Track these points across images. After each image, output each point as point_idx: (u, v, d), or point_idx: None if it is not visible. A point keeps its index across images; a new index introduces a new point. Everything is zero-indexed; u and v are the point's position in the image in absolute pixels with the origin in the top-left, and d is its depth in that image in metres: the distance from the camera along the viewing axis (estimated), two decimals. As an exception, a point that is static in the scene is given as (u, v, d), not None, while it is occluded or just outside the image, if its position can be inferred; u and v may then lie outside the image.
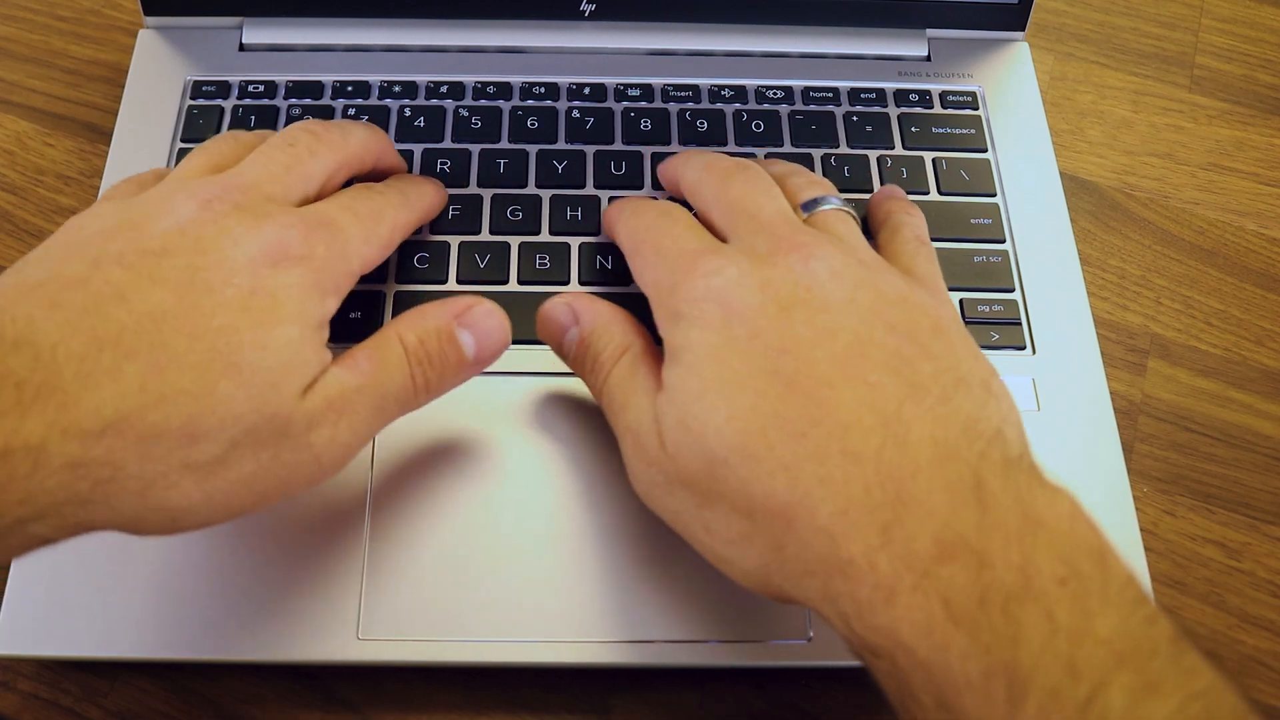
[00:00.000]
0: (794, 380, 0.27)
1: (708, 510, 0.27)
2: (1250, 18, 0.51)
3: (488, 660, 0.32)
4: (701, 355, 0.28)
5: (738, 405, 0.27)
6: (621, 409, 0.30)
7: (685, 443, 0.27)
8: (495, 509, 0.34)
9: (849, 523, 0.25)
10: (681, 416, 0.28)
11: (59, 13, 0.47)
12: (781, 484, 0.26)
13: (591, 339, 0.32)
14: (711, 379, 0.27)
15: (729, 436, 0.26)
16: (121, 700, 0.33)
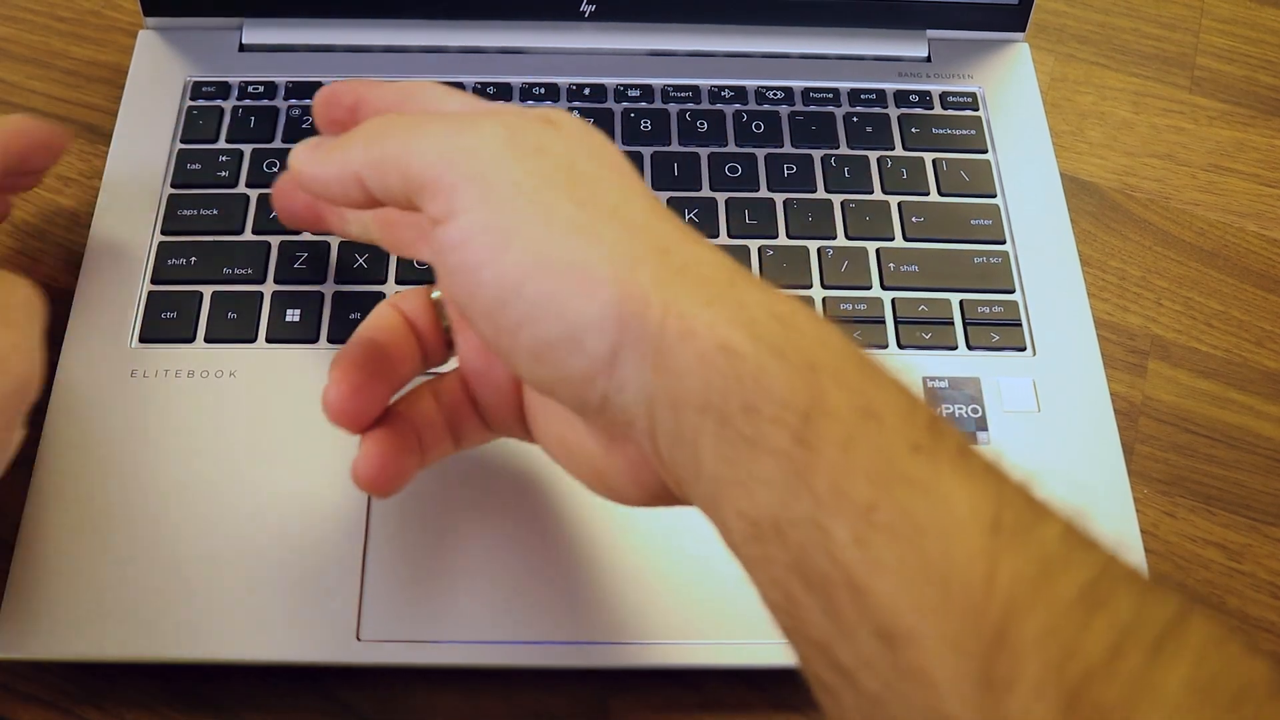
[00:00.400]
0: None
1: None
2: (1251, 18, 0.51)
3: (488, 661, 0.32)
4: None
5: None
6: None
7: None
8: (495, 510, 0.34)
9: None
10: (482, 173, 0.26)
11: (59, 13, 0.47)
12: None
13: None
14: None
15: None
16: (121, 700, 0.33)
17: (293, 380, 0.36)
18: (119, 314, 0.37)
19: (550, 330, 0.24)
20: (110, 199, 0.40)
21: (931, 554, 0.19)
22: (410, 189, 0.26)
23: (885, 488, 0.20)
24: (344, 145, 0.27)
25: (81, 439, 0.34)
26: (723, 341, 0.22)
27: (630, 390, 0.24)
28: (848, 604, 0.20)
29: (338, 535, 0.33)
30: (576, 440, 0.27)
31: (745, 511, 0.22)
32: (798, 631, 0.21)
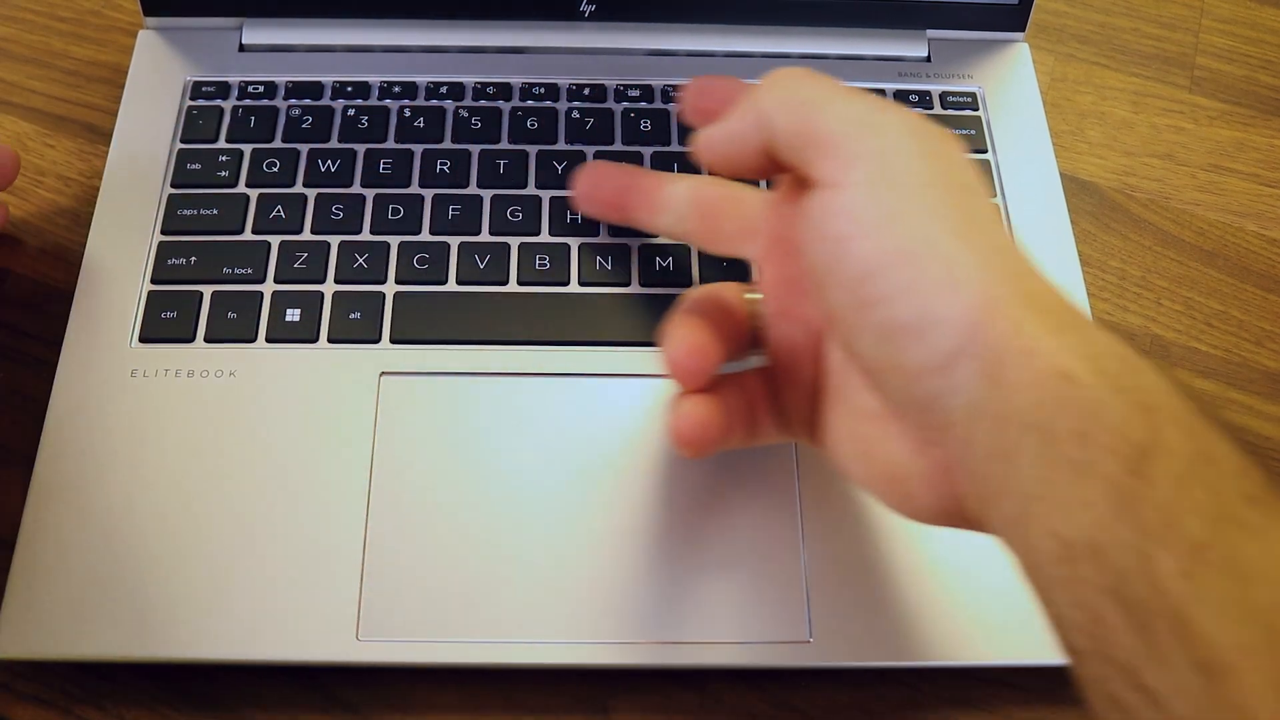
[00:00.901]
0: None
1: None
2: (1251, 18, 0.51)
3: (488, 661, 0.32)
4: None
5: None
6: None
7: None
8: (495, 509, 0.34)
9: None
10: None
11: (59, 13, 0.47)
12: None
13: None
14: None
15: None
16: (121, 700, 0.33)
17: (293, 380, 0.36)
18: (119, 314, 0.37)
19: (904, 314, 0.25)
20: (110, 199, 0.40)
21: (1260, 599, 0.20)
22: (808, 144, 0.26)
23: (1218, 529, 0.20)
24: (757, 91, 0.28)
25: (81, 439, 0.34)
26: (1063, 368, 0.23)
27: (959, 395, 0.24)
28: (1166, 632, 0.20)
29: (338, 535, 0.33)
30: (878, 442, 0.28)
31: (1059, 531, 0.22)
32: (1098, 653, 0.22)
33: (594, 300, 0.38)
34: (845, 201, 0.26)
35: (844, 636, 0.33)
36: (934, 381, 0.25)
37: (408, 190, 0.40)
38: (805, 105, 0.27)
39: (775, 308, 0.31)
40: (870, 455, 0.28)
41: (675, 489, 0.34)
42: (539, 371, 0.36)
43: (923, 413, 0.25)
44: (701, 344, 0.30)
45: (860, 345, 0.26)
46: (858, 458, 0.29)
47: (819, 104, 0.27)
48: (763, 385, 0.31)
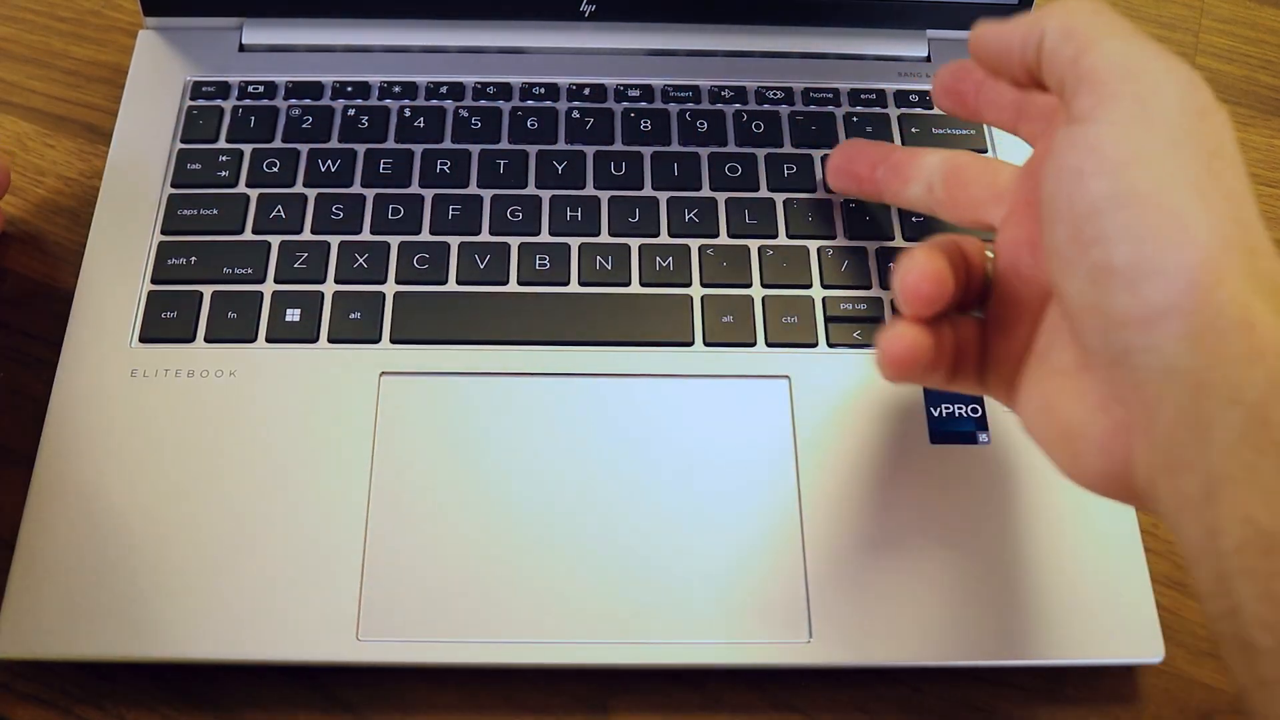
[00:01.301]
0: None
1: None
2: (1250, 18, 0.51)
3: (488, 660, 0.32)
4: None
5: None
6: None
7: None
8: (495, 509, 0.34)
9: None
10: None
11: (59, 13, 0.47)
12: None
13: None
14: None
15: None
16: (121, 700, 0.33)
17: (293, 380, 0.36)
18: (119, 314, 0.37)
19: (1122, 257, 0.24)
20: (110, 199, 0.40)
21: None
22: (1074, 74, 0.26)
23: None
24: (1040, 12, 0.28)
25: (81, 439, 0.34)
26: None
27: (1159, 355, 0.23)
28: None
29: (338, 535, 0.33)
30: (1063, 397, 0.27)
31: (1257, 518, 0.21)
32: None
33: (594, 300, 0.38)
34: (1093, 136, 0.25)
35: (844, 636, 0.33)
36: (1135, 333, 0.24)
37: (408, 190, 0.40)
38: (1081, 36, 0.26)
39: (1006, 266, 0.31)
40: (1051, 409, 0.28)
41: (675, 489, 0.34)
42: (539, 371, 0.36)
43: (1114, 365, 0.25)
44: (942, 273, 0.29)
45: (1070, 284, 0.26)
46: (1040, 412, 0.28)
47: (1095, 38, 0.26)
48: (976, 336, 0.31)
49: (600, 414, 0.36)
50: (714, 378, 0.37)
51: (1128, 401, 0.25)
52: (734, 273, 0.39)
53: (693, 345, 0.37)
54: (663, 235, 0.39)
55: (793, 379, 0.37)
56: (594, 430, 0.35)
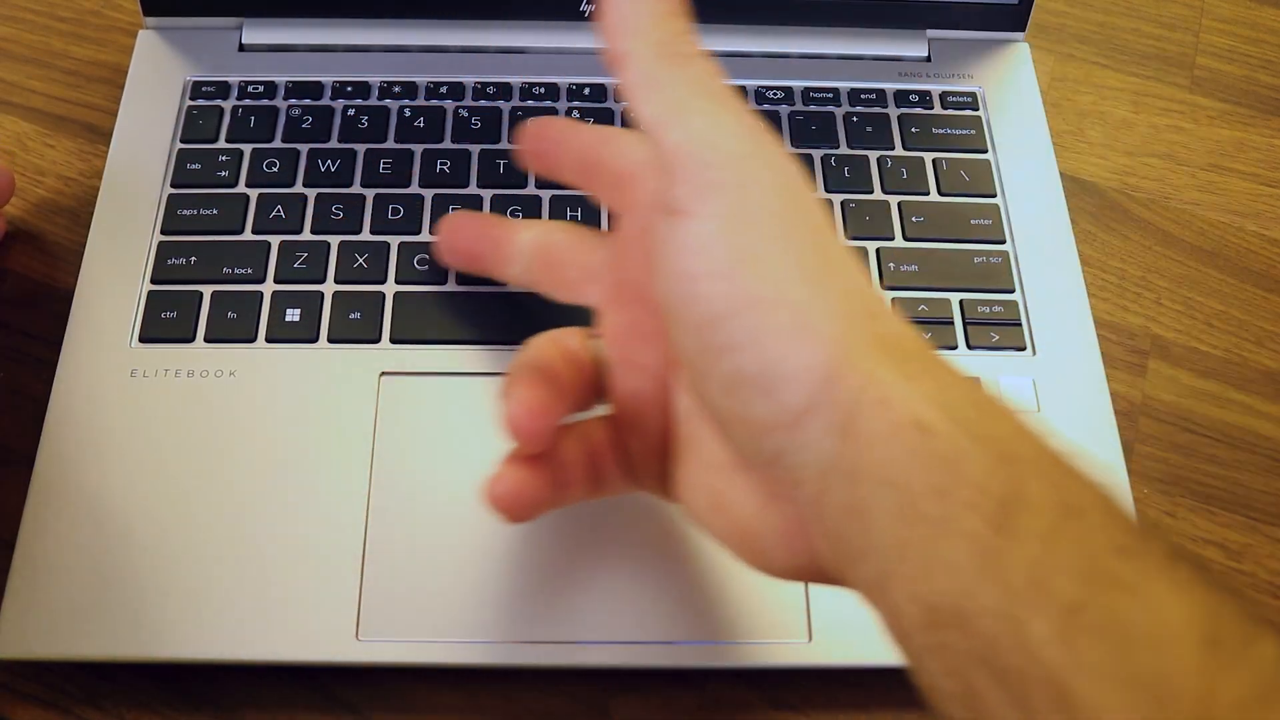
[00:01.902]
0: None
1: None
2: (1251, 18, 0.51)
3: (488, 661, 0.32)
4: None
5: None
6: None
7: None
8: (495, 509, 0.34)
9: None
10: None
11: (59, 13, 0.47)
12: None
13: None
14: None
15: None
16: (121, 700, 0.33)
17: (293, 380, 0.36)
18: (119, 314, 0.37)
19: (751, 365, 0.23)
20: (110, 199, 0.40)
21: (1143, 664, 0.18)
22: (659, 146, 0.24)
23: (1092, 588, 0.19)
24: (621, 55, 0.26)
25: (81, 439, 0.34)
26: (918, 418, 0.21)
27: (808, 451, 0.23)
28: (1044, 701, 0.19)
29: (338, 535, 0.33)
30: (730, 495, 0.26)
31: (921, 596, 0.21)
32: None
33: (594, 300, 0.38)
34: (695, 236, 0.24)
35: (844, 636, 0.32)
36: (782, 437, 0.23)
37: (408, 190, 0.40)
38: (666, 112, 0.25)
39: (619, 355, 0.29)
40: (722, 509, 0.27)
41: (675, 489, 0.34)
42: (539, 371, 0.36)
43: (770, 468, 0.24)
44: (543, 403, 0.27)
45: (707, 393, 0.25)
46: (710, 511, 0.27)
47: (678, 111, 0.24)
48: (608, 435, 0.30)
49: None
50: (714, 378, 0.37)
51: (794, 498, 0.24)
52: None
53: (693, 345, 0.37)
54: (663, 235, 0.39)
55: (793, 379, 0.37)
56: (594, 430, 0.35)
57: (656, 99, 0.25)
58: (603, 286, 0.30)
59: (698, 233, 0.24)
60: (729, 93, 0.25)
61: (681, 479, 0.28)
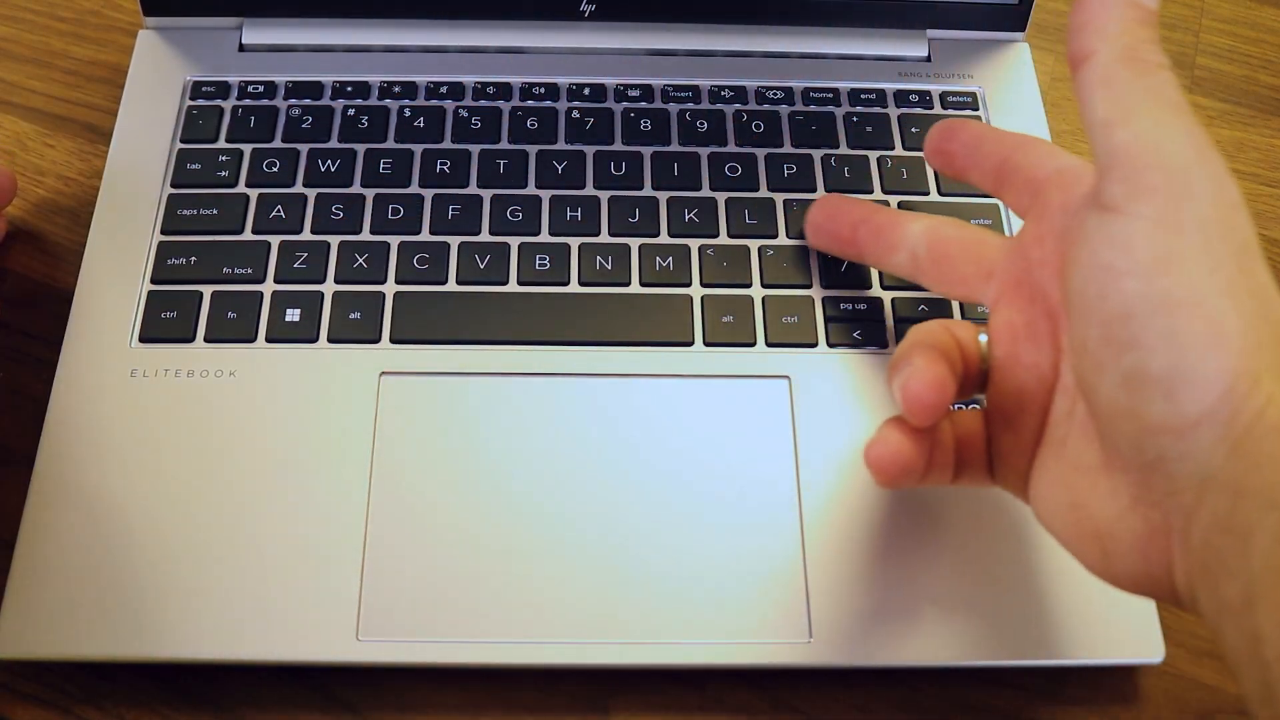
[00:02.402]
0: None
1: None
2: (1251, 18, 0.51)
3: (487, 661, 0.32)
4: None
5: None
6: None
7: None
8: (495, 509, 0.34)
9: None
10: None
11: (59, 13, 0.47)
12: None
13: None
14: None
15: None
16: (121, 700, 0.33)
17: (293, 380, 0.36)
18: (119, 314, 0.37)
19: (1157, 365, 0.23)
20: (110, 199, 0.40)
21: None
22: (1105, 145, 0.25)
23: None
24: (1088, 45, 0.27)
25: (81, 439, 0.34)
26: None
27: (1194, 461, 0.23)
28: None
29: (338, 535, 0.33)
30: (1092, 497, 0.26)
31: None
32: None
33: (594, 300, 0.38)
34: (1125, 232, 0.24)
35: (844, 636, 0.33)
36: (1170, 441, 0.23)
37: (408, 190, 0.40)
38: (1122, 105, 0.25)
39: (1005, 352, 0.29)
40: (1081, 510, 0.27)
41: (675, 489, 0.34)
42: (539, 371, 0.36)
43: (1148, 470, 0.24)
44: (940, 378, 0.28)
45: (1101, 385, 0.25)
46: (1067, 510, 0.27)
47: (1130, 109, 0.25)
48: (979, 429, 0.30)
49: (600, 414, 0.36)
50: (714, 378, 0.37)
51: (1164, 505, 0.24)
52: (734, 273, 0.39)
53: (693, 345, 0.37)
54: (663, 235, 0.39)
55: (793, 379, 0.37)
56: (594, 430, 0.35)
57: (1110, 99, 0.26)
58: (998, 284, 0.30)
59: (1127, 230, 0.24)
60: (1185, 106, 0.25)
61: (1043, 478, 0.28)
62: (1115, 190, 0.25)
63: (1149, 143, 0.25)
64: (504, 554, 0.33)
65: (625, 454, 0.35)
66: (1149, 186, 0.24)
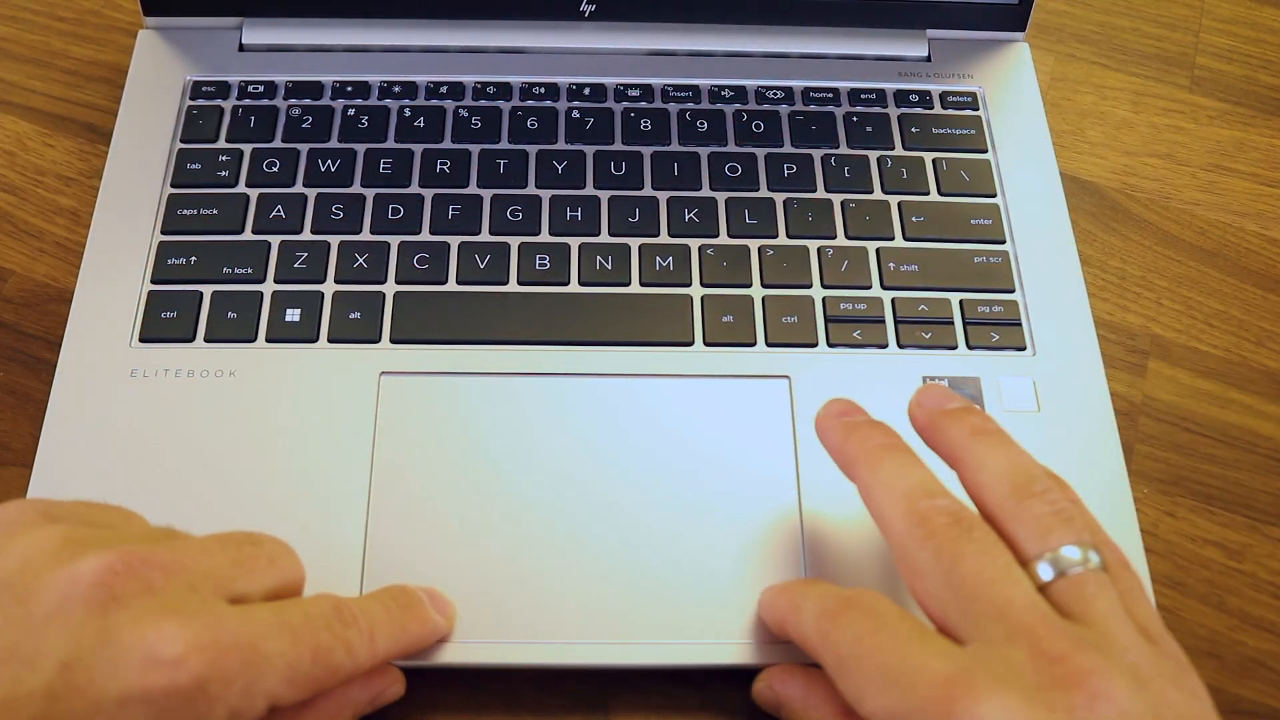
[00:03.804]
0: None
1: None
2: (1251, 18, 0.51)
3: (488, 661, 0.32)
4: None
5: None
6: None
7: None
8: (495, 509, 0.34)
9: None
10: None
11: (59, 13, 0.47)
12: None
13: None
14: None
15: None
16: (121, 701, 0.33)
17: (293, 380, 0.36)
18: (119, 314, 0.37)
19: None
20: (110, 199, 0.40)
21: None
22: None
23: None
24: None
25: (81, 439, 0.34)
26: None
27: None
28: None
29: (338, 535, 0.33)
30: None
31: None
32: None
33: (594, 300, 0.38)
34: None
35: (844, 636, 0.32)
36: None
37: (408, 190, 0.40)
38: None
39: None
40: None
41: (675, 488, 0.34)
42: (539, 371, 0.36)
43: None
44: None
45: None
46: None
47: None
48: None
49: (600, 414, 0.36)
50: (714, 378, 0.37)
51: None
52: (734, 273, 0.39)
53: (693, 345, 0.37)
54: (663, 235, 0.39)
55: (793, 379, 0.37)
56: (594, 430, 0.35)
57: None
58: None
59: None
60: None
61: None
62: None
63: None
64: (504, 554, 0.33)
65: (625, 454, 0.35)
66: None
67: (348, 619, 0.27)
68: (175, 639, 0.24)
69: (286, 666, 0.25)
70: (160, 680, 0.23)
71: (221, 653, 0.24)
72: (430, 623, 0.31)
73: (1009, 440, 0.30)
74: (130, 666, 0.23)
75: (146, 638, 0.24)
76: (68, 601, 0.24)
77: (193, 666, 0.24)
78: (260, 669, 0.25)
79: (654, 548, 0.33)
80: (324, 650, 0.26)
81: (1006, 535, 0.28)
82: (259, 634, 0.25)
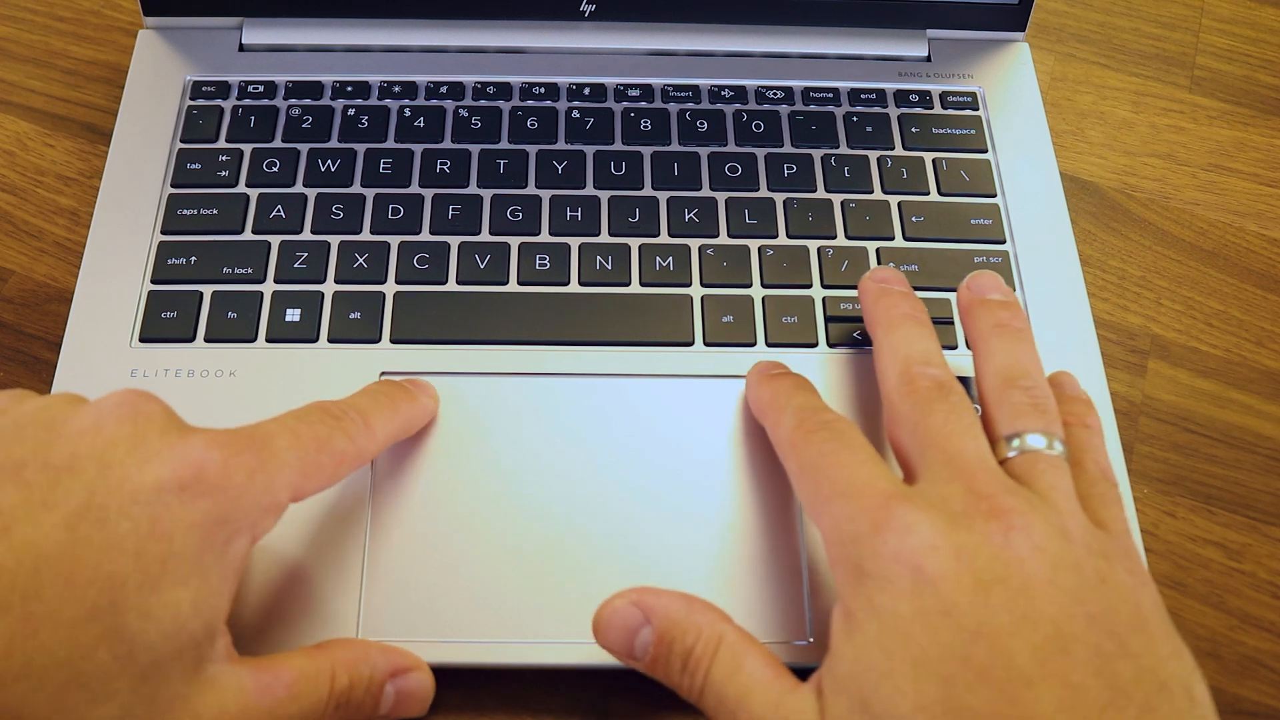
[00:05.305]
0: (987, 671, 0.24)
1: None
2: (1251, 18, 0.51)
3: (488, 661, 0.32)
4: (888, 626, 0.26)
5: (925, 693, 0.24)
6: (739, 708, 0.27)
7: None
8: (495, 509, 0.34)
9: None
10: (864, 695, 0.25)
11: (59, 13, 0.47)
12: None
13: (673, 636, 0.29)
14: (899, 657, 0.25)
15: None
16: (121, 701, 0.33)
17: (293, 380, 0.36)
18: (119, 314, 0.37)
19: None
20: (110, 199, 0.40)
21: None
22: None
23: None
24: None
25: (81, 439, 0.34)
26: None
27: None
28: None
29: (338, 535, 0.33)
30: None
31: None
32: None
33: (594, 300, 0.38)
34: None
35: (844, 636, 0.32)
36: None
37: (408, 190, 0.40)
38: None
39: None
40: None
41: (675, 488, 0.34)
42: (539, 371, 0.36)
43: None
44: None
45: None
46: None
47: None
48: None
49: (600, 414, 0.36)
50: (714, 378, 0.37)
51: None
52: (734, 273, 0.39)
53: (693, 345, 0.37)
54: (663, 235, 0.39)
55: (793, 379, 0.37)
56: (594, 430, 0.35)
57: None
58: None
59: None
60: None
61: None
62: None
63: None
64: (505, 554, 0.33)
65: (625, 454, 0.35)
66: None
67: (338, 413, 0.30)
68: (195, 439, 0.27)
69: (297, 459, 0.28)
70: (189, 471, 0.26)
71: (238, 449, 0.27)
72: (418, 401, 0.34)
73: (1023, 339, 0.32)
74: (161, 461, 0.26)
75: (171, 441, 0.26)
76: (100, 418, 0.26)
77: (216, 458, 0.26)
78: (275, 461, 0.27)
79: (653, 547, 0.33)
80: (325, 439, 0.29)
81: (986, 417, 0.31)
82: (266, 434, 0.28)
